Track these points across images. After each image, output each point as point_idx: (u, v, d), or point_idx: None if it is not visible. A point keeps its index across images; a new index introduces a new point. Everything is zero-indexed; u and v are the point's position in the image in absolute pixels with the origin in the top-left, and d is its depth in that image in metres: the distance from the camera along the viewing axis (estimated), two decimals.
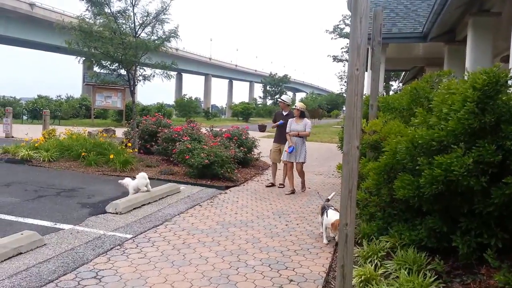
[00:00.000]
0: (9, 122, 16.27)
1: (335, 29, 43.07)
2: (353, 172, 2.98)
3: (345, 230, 3.02)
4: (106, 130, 14.92)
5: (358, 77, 2.94)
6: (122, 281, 3.95)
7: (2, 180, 8.16)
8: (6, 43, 49.76)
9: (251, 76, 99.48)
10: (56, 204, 6.61)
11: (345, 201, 3.00)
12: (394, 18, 12.04)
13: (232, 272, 4.36)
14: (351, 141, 2.97)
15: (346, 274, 3.04)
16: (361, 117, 2.97)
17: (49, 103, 34.74)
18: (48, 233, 5.15)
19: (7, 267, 4.07)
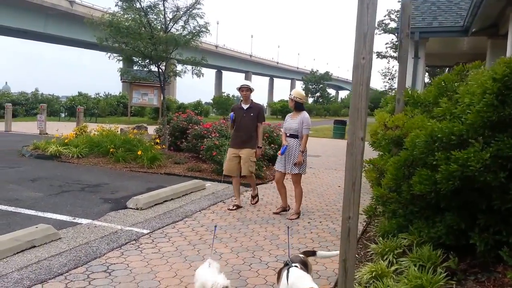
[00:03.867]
0: (43, 118, 17.06)
1: (380, 25, 42.31)
2: (356, 164, 2.97)
3: (348, 224, 3.02)
4: (138, 127, 15.37)
5: (364, 66, 2.93)
6: (132, 275, 4.11)
7: (29, 175, 8.61)
8: (46, 41, 52.12)
9: (293, 74, 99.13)
10: (78, 199, 6.91)
11: (349, 194, 2.99)
12: (435, 11, 11.71)
13: (245, 268, 4.44)
14: (355, 132, 2.96)
15: (348, 268, 3.03)
16: (366, 107, 2.95)
17: (87, 100, 36.09)
18: (65, 227, 5.42)
19: (19, 260, 4.32)
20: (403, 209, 4.80)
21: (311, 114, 59.85)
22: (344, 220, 3.05)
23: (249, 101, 6.97)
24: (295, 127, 6.51)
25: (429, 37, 11.34)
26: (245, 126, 6.87)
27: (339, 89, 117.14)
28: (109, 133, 11.58)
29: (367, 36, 2.90)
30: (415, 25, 11.15)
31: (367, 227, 6.01)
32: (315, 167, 11.85)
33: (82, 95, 38.51)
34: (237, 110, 7.03)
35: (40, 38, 49.87)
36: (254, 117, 6.88)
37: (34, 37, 49.65)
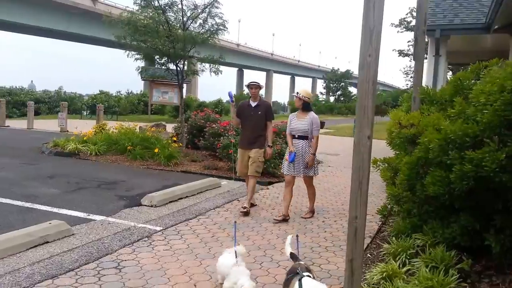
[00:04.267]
0: (64, 116, 17.38)
1: (401, 22, 41.80)
2: (363, 163, 2.92)
3: (355, 224, 2.97)
4: (156, 125, 15.51)
5: (370, 63, 2.88)
6: (142, 271, 4.14)
7: (47, 172, 8.77)
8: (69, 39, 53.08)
9: (314, 72, 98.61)
10: (94, 196, 7.01)
11: (355, 194, 2.95)
12: (456, 8, 11.45)
13: (255, 266, 4.43)
14: (362, 130, 2.91)
15: (355, 269, 2.98)
16: (372, 106, 2.91)
17: (109, 98, 36.65)
18: (79, 223, 5.50)
19: (31, 255, 4.40)
20: (417, 208, 4.73)
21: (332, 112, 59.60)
22: (351, 220, 3.00)
23: (257, 99, 6.68)
24: (305, 128, 6.16)
25: (450, 34, 11.10)
26: (254, 125, 6.58)
27: None
28: (128, 131, 11.71)
29: (374, 33, 2.84)
30: (436, 22, 10.95)
31: (381, 227, 5.94)
32: (334, 166, 11.77)
33: (104, 93, 39.08)
34: (244, 107, 6.72)
35: (63, 36, 50.81)
36: (263, 115, 6.59)
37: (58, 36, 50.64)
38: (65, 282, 3.83)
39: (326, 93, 70.41)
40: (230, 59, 69.98)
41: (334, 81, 66.95)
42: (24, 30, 47.50)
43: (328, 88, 68.73)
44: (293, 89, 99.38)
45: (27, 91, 38.97)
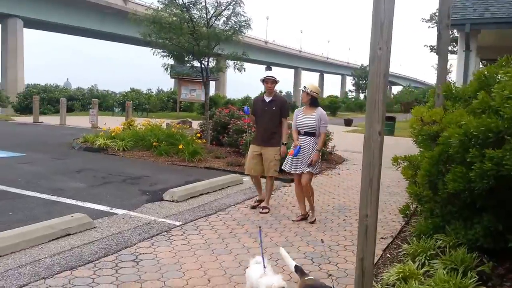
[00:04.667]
0: (95, 113, 17.79)
1: (432, 17, 40.80)
2: (374, 160, 2.87)
3: (365, 222, 2.93)
4: (183, 121, 15.67)
5: (381, 57, 2.83)
6: (158, 265, 4.19)
7: (76, 166, 9.00)
8: (103, 38, 54.36)
9: (343, 69, 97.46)
10: (118, 190, 7.15)
11: (366, 191, 2.91)
12: (487, 2, 11.06)
13: (271, 263, 4.39)
14: (372, 126, 2.87)
15: (366, 268, 2.95)
16: (383, 100, 2.85)
17: (139, 96, 37.32)
18: (102, 217, 5.61)
19: (53, 247, 4.52)
20: (440, 209, 4.62)
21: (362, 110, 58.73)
22: (361, 218, 2.97)
23: (272, 94, 6.37)
24: (312, 124, 5.86)
25: (480, 29, 10.76)
26: (267, 121, 6.28)
27: (392, 84, 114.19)
28: (154, 128, 11.88)
29: (384, 25, 2.79)
30: (466, 16, 10.63)
31: (404, 227, 5.83)
32: (358, 164, 11.60)
33: (135, 91, 39.81)
34: (258, 103, 6.48)
35: (97, 35, 52.06)
36: (277, 111, 6.28)
37: (92, 35, 52.00)
38: (83, 273, 3.92)
39: (355, 90, 69.39)
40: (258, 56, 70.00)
41: (363, 78, 65.92)
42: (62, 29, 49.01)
43: (358, 85, 67.71)
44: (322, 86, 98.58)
45: (61, 88, 40.01)
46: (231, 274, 4.08)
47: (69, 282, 3.74)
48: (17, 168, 8.59)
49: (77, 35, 54.30)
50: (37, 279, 3.73)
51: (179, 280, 3.88)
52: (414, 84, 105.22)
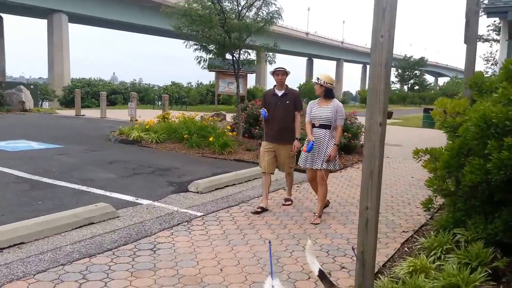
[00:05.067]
0: (133, 106, 18.26)
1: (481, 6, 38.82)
2: (375, 151, 2.84)
3: (366, 214, 2.91)
4: (216, 114, 15.85)
5: (383, 44, 2.77)
6: (174, 254, 4.29)
7: (109, 158, 9.31)
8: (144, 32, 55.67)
9: None
10: (146, 181, 7.34)
11: (366, 183, 2.88)
12: None
13: (285, 254, 4.44)
14: (373, 117, 2.82)
15: (366, 260, 2.92)
16: (385, 90, 2.79)
17: (179, 89, 38.01)
18: (126, 206, 5.79)
19: (75, 234, 4.71)
20: (464, 202, 4.49)
21: (404, 102, 57.21)
22: (362, 211, 2.94)
23: (284, 87, 6.08)
24: (328, 116, 5.59)
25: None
26: (281, 117, 6.00)
27: (438, 75, 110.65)
28: (187, 120, 12.08)
29: (387, 12, 2.73)
30: (509, 3, 10.16)
31: (428, 221, 5.69)
32: (392, 157, 11.39)
33: (175, 84, 40.54)
34: (270, 97, 6.15)
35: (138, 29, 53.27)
36: (291, 105, 6.02)
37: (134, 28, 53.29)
38: (101, 261, 4.07)
39: (399, 82, 67.39)
40: (298, 48, 69.45)
41: (407, 69, 63.97)
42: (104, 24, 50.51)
43: (401, 77, 65.73)
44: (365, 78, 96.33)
45: (104, 82, 41.28)
46: (244, 264, 4.13)
47: (86, 268, 3.89)
48: (53, 159, 8.98)
49: (120, 29, 55.86)
50: (56, 265, 3.91)
51: (192, 269, 3.96)
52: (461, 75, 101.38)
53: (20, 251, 4.19)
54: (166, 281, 3.71)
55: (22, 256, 4.09)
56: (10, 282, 3.55)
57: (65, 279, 3.67)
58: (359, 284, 2.98)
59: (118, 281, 3.67)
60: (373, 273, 2.97)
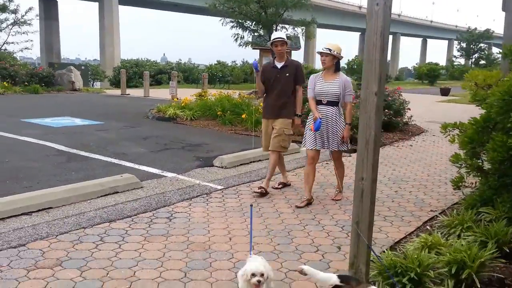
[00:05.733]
0: (174, 85, 18.64)
1: None
2: (370, 121, 2.83)
3: (361, 185, 2.93)
4: (255, 91, 15.89)
5: (378, 12, 2.74)
6: (188, 223, 4.47)
7: (143, 134, 9.66)
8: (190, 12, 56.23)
9: (449, 33, 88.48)
10: (175, 156, 7.59)
11: (362, 154, 2.89)
12: None
13: (298, 228, 4.51)
14: (369, 87, 2.82)
15: (361, 231, 2.95)
16: (381, 59, 2.77)
17: (224, 68, 38.34)
18: (151, 178, 6.04)
19: (99, 202, 5.00)
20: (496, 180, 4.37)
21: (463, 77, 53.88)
22: (357, 181, 2.97)
23: (284, 58, 5.61)
24: (336, 92, 5.12)
25: None
26: (280, 90, 5.55)
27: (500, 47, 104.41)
28: (223, 98, 12.25)
29: None
30: None
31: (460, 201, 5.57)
32: (439, 135, 11.07)
33: (220, 63, 40.89)
34: (269, 70, 5.66)
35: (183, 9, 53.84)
36: (291, 78, 5.56)
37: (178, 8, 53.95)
38: (119, 226, 4.32)
39: (462, 56, 63.01)
40: (351, 23, 67.61)
41: (470, 42, 59.73)
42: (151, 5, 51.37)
43: (465, 51, 61.41)
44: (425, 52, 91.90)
45: (151, 62, 42.21)
46: (254, 235, 4.22)
47: (105, 232, 4.15)
48: (93, 134, 9.42)
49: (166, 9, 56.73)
50: (78, 228, 4.19)
51: (202, 237, 4.12)
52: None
53: (47, 215, 4.51)
54: (175, 246, 3.89)
55: (48, 219, 4.40)
56: (34, 241, 3.85)
57: (84, 240, 3.94)
58: (354, 254, 3.02)
59: (131, 244, 3.89)
60: (369, 244, 3.00)
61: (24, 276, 3.23)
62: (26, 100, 17.08)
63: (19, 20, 20.47)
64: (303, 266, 2.73)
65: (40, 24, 45.28)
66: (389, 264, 3.08)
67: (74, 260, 3.53)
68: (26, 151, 7.53)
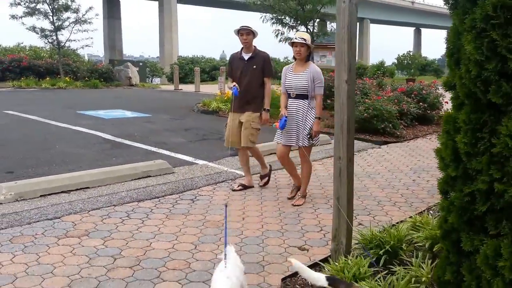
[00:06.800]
0: (222, 80, 19.19)
1: None
2: (343, 106, 3.13)
3: (339, 164, 3.23)
4: None
5: (344, 9, 3.03)
6: (207, 204, 4.90)
7: (186, 126, 10.27)
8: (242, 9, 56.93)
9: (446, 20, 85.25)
10: (210, 145, 8.06)
11: (338, 136, 3.18)
12: None
13: (309, 211, 4.82)
14: (340, 76, 3.11)
15: (341, 205, 3.24)
16: (350, 50, 3.05)
17: (276, 64, 38.72)
18: (184, 165, 6.53)
19: (132, 184, 5.54)
20: None
21: None
22: (335, 160, 3.26)
23: (251, 49, 5.31)
24: (304, 85, 4.87)
25: None
26: (247, 83, 5.26)
27: None
28: None
29: None
30: None
31: None
32: None
33: (272, 60, 41.23)
34: (235, 61, 5.41)
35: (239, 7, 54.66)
36: (258, 70, 5.28)
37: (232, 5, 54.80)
38: (146, 205, 4.82)
39: None
40: (404, 18, 65.72)
41: None
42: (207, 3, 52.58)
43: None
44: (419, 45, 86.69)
45: (206, 59, 43.33)
46: (265, 216, 4.60)
47: (132, 210, 4.66)
48: (139, 125, 10.12)
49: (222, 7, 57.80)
50: (109, 205, 4.74)
51: (218, 216, 4.53)
52: None
53: (83, 193, 5.11)
54: (192, 223, 4.32)
55: (84, 197, 4.99)
56: (68, 215, 4.43)
57: (112, 216, 4.47)
58: (335, 227, 3.32)
59: (153, 220, 4.37)
60: (349, 218, 3.27)
61: (54, 243, 3.78)
62: (85, 94, 18.34)
63: (80, 19, 21.84)
64: (292, 259, 2.60)
65: (103, 23, 47.80)
66: (370, 238, 3.33)
67: (100, 231, 4.06)
68: (75, 139, 8.30)
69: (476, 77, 2.05)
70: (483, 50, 2.01)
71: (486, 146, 2.02)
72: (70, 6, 21.55)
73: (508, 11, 1.95)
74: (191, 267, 3.39)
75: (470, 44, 2.07)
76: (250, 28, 5.21)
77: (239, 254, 3.62)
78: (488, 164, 1.98)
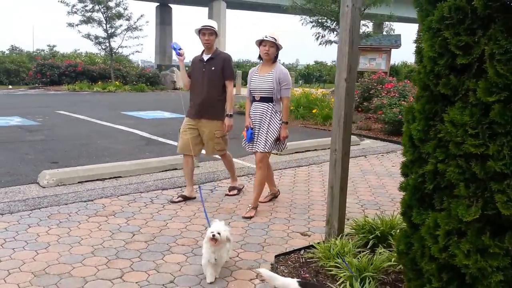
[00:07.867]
0: None
1: None
2: (341, 102, 3.45)
3: (334, 156, 3.55)
4: None
5: (347, 13, 3.35)
6: (223, 195, 5.31)
7: None
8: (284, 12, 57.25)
9: None
10: (238, 144, 8.38)
11: (335, 130, 3.52)
12: None
13: (320, 202, 5.14)
14: (340, 74, 3.43)
15: (334, 195, 3.57)
16: (350, 52, 3.38)
17: (322, 67, 38.93)
18: (209, 160, 6.97)
19: (160, 175, 6.06)
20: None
21: None
22: (331, 152, 3.59)
23: (212, 50, 4.96)
24: (269, 87, 4.60)
25: None
26: (206, 86, 4.89)
27: None
28: (302, 95, 12.97)
29: None
30: None
31: None
32: None
33: (319, 63, 41.49)
34: (196, 63, 5.03)
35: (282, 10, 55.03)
36: (218, 72, 4.91)
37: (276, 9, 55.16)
38: (169, 193, 5.31)
39: None
40: None
41: None
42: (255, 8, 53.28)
43: None
44: None
45: (251, 63, 44.08)
46: (277, 206, 4.97)
47: (156, 196, 5.16)
48: (175, 125, 10.56)
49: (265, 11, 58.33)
50: (136, 192, 5.26)
51: (232, 205, 4.95)
52: None
53: (116, 181, 5.66)
54: (207, 210, 4.73)
55: (115, 184, 5.54)
56: (100, 198, 4.98)
57: (137, 200, 4.97)
58: (329, 213, 3.65)
59: (173, 205, 4.85)
60: (342, 206, 3.60)
61: (85, 220, 4.32)
62: (131, 97, 19.34)
63: (131, 26, 23.05)
64: (260, 269, 2.63)
65: (155, 29, 49.58)
66: (362, 224, 3.64)
67: (125, 212, 4.56)
68: (116, 136, 8.99)
69: (430, 72, 2.35)
70: (436, 47, 2.31)
71: (436, 132, 2.31)
72: (123, 14, 22.79)
73: (461, 12, 2.25)
74: (198, 244, 3.81)
75: (426, 42, 2.37)
76: (213, 28, 4.87)
77: (243, 236, 4.07)
78: (435, 148, 2.28)
